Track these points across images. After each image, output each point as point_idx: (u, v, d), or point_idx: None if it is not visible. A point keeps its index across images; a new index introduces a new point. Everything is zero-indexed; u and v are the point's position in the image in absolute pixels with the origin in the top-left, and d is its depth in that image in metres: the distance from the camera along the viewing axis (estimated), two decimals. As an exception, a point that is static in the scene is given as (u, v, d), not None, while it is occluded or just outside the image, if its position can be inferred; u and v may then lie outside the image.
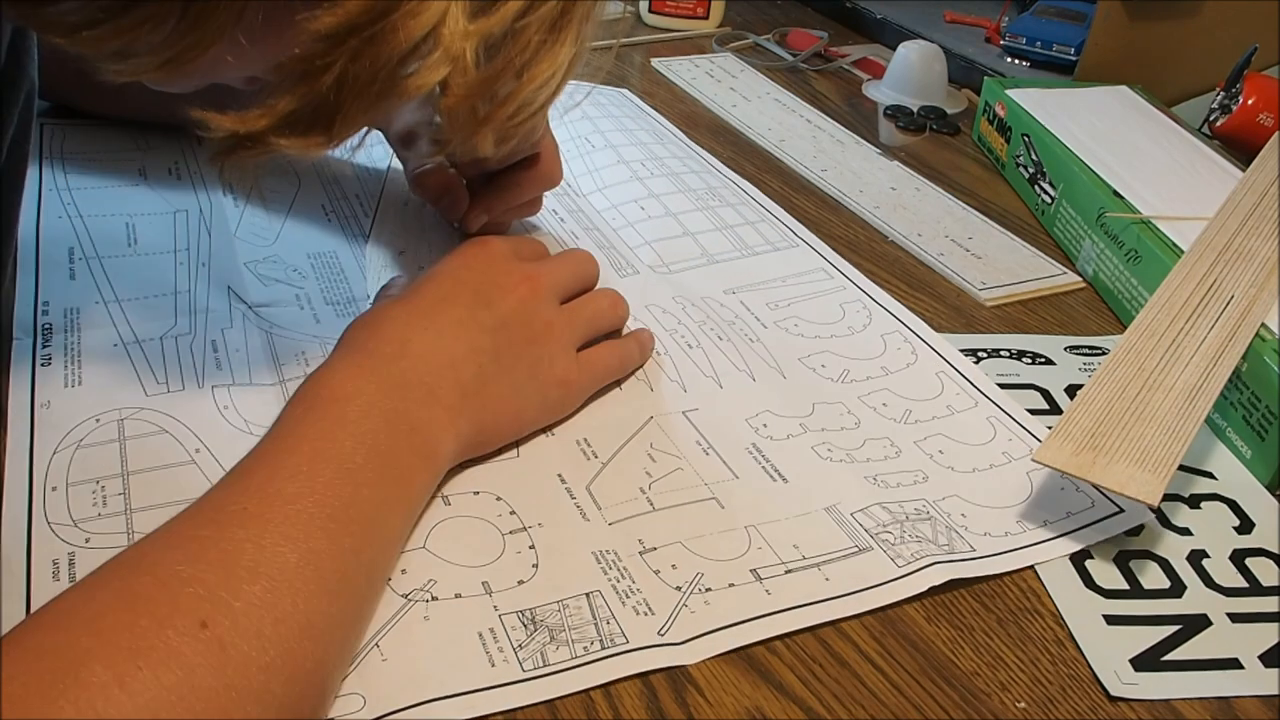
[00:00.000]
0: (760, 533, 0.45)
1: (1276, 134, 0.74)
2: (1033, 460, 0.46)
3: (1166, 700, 0.40)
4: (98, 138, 0.70)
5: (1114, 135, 0.74)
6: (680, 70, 0.94)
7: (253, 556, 0.35)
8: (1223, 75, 0.81)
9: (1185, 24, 0.89)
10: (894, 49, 0.93)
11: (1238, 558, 0.47)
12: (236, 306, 0.55)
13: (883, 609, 0.42)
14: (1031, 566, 0.45)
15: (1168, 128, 0.76)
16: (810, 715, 0.38)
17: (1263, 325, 0.54)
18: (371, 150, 0.73)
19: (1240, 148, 0.77)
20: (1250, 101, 0.77)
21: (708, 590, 0.42)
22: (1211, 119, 0.81)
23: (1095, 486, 0.46)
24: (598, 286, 0.55)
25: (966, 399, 0.54)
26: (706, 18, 1.04)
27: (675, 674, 0.39)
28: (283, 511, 0.36)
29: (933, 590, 0.43)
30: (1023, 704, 0.39)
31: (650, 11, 1.03)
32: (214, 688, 0.31)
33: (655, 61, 0.95)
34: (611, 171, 0.72)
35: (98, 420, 0.47)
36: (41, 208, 0.62)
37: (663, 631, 0.40)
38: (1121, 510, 0.48)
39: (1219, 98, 0.81)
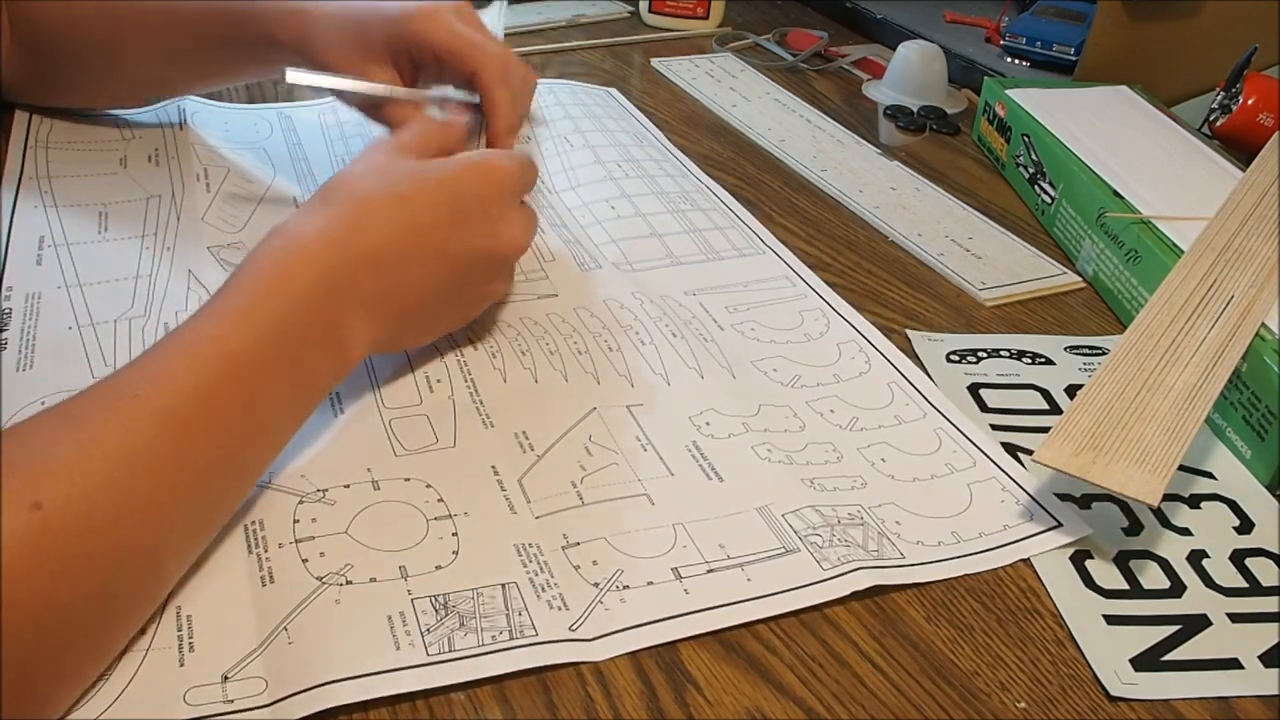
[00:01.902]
0: (687, 530, 0.45)
1: (1276, 134, 0.74)
2: (1033, 460, 0.46)
3: (1166, 700, 0.40)
4: (83, 128, 0.71)
5: (1114, 135, 0.74)
6: (680, 70, 0.94)
7: (119, 442, 0.36)
8: (1223, 75, 0.81)
9: (1185, 24, 0.89)
10: (894, 49, 0.93)
11: (1238, 558, 0.47)
12: (194, 290, 0.56)
13: (811, 610, 0.42)
14: (1029, 563, 0.45)
15: (1168, 128, 0.76)
16: (810, 715, 0.38)
17: (1263, 325, 0.54)
18: (349, 142, 0.74)
19: (1240, 148, 0.77)
20: (1250, 101, 0.77)
21: (625, 588, 0.42)
22: (1211, 119, 0.81)
23: (1097, 486, 0.46)
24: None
25: (915, 410, 0.54)
26: (706, 18, 1.04)
27: (675, 673, 0.39)
28: (168, 401, 0.37)
29: (933, 591, 0.43)
30: (1023, 704, 0.39)
31: (650, 11, 1.04)
32: (23, 566, 0.32)
33: (655, 62, 0.95)
34: (587, 171, 0.72)
35: (43, 403, 0.46)
36: (18, 196, 0.62)
37: (574, 627, 0.40)
38: (1060, 524, 0.47)
39: (1219, 98, 0.81)
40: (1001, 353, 0.59)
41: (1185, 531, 0.48)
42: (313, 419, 0.48)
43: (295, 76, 0.56)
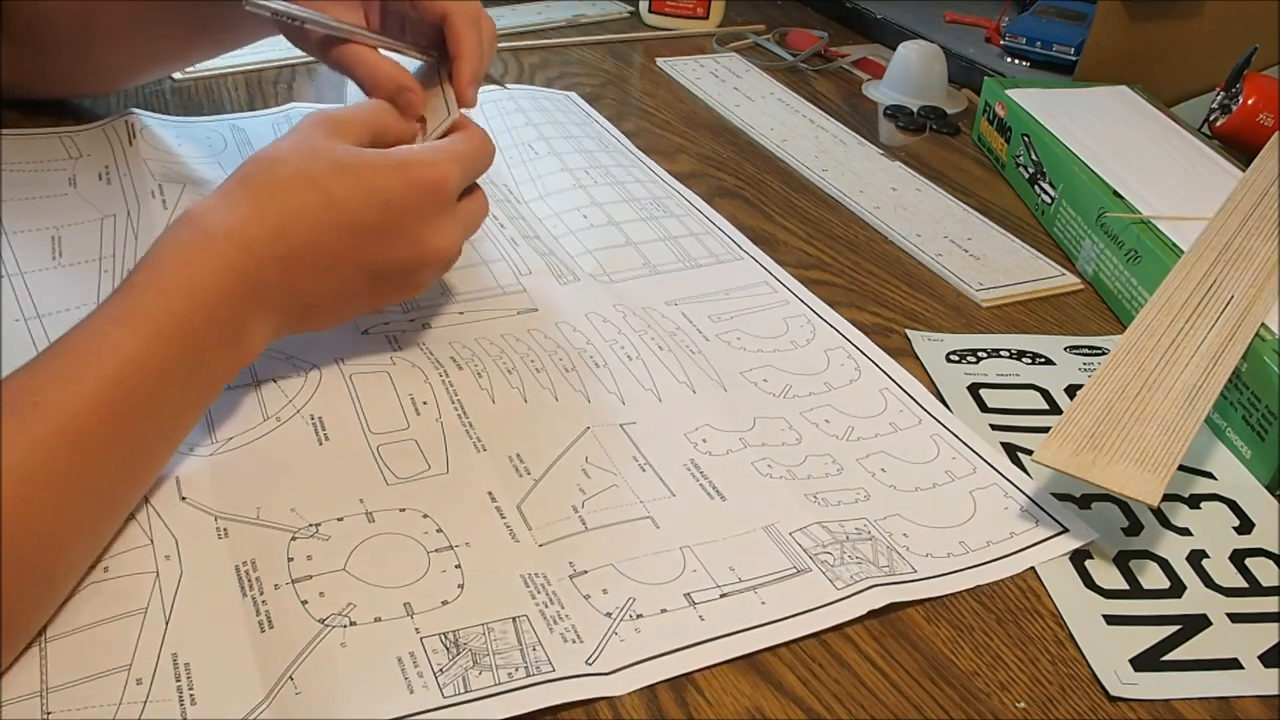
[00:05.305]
0: (696, 554, 0.44)
1: (1276, 134, 0.74)
2: (1033, 460, 0.46)
3: (1166, 700, 0.40)
4: (29, 148, 0.67)
5: (1114, 135, 0.74)
6: (685, 70, 0.94)
7: (19, 456, 0.35)
8: (1223, 75, 0.81)
9: (1185, 24, 0.89)
10: (894, 49, 0.93)
11: (1237, 558, 0.47)
12: None
13: (824, 631, 0.41)
14: (1031, 568, 0.45)
15: (1168, 128, 0.76)
16: (810, 715, 0.38)
17: (1263, 325, 0.54)
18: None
19: (1240, 148, 0.77)
20: (1250, 101, 0.77)
21: (639, 616, 0.41)
22: (1211, 119, 0.81)
23: (1097, 486, 0.46)
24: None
25: (910, 416, 0.53)
26: (706, 18, 1.04)
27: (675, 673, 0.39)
28: (71, 415, 0.36)
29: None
30: (1022, 704, 0.39)
31: (650, 11, 1.03)
32: None
33: (661, 61, 0.95)
34: (554, 179, 0.71)
35: None
36: None
37: (590, 661, 0.39)
38: (1066, 530, 0.47)
39: (1219, 98, 0.81)
40: (1001, 353, 0.59)
41: (1185, 531, 0.48)
42: (298, 448, 0.46)
43: (255, 4, 0.52)
